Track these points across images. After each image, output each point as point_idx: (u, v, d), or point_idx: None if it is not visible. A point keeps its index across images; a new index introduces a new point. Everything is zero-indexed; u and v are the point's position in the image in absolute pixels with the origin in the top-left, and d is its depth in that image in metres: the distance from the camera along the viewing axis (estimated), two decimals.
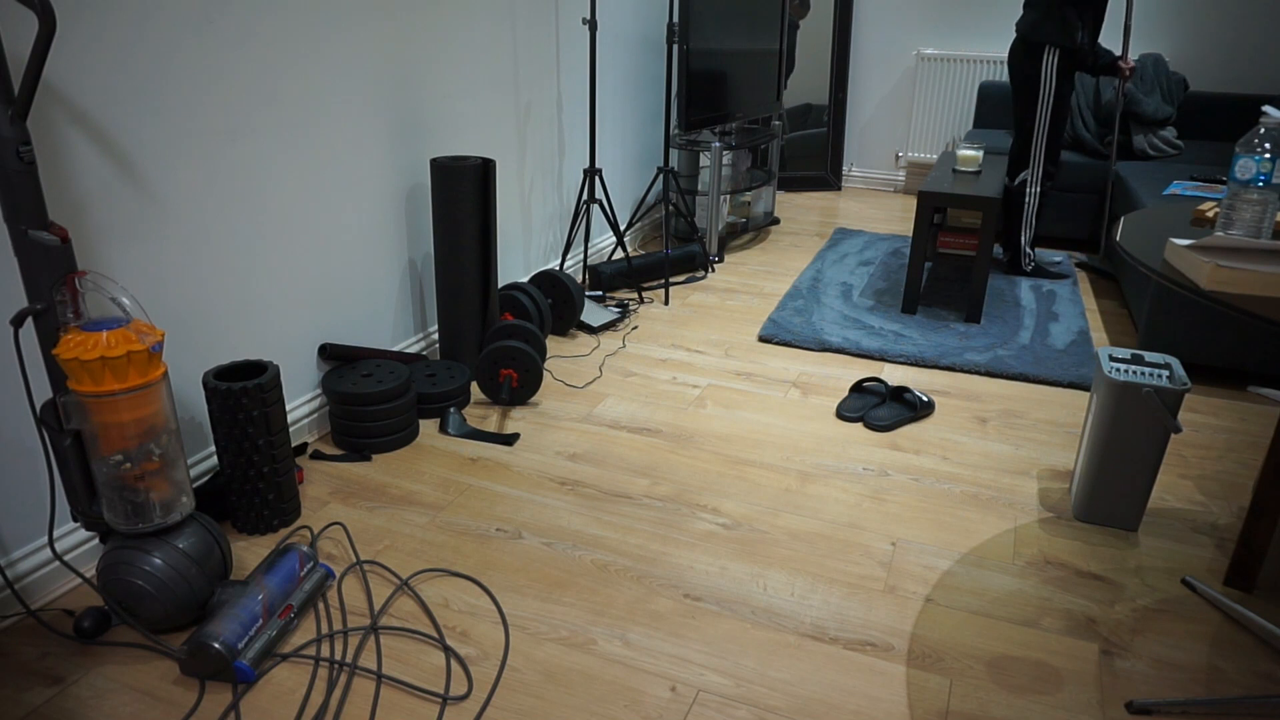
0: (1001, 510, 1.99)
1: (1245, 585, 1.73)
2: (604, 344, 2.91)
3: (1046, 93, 3.24)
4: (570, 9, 3.17)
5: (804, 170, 5.26)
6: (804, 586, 1.72)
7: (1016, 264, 3.60)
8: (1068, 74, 3.22)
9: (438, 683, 1.46)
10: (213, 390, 1.75)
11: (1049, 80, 3.22)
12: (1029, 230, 3.52)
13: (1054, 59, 3.18)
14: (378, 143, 2.31)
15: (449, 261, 2.46)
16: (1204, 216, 1.73)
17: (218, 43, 1.79)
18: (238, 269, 1.94)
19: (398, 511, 1.94)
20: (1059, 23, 3.13)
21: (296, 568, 1.62)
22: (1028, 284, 3.52)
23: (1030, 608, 1.67)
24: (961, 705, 1.44)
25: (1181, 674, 1.51)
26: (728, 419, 2.40)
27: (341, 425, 2.17)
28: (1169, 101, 3.98)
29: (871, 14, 4.95)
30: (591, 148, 3.16)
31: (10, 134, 1.30)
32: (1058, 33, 3.14)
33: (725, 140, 3.84)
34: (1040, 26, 3.17)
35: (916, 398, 2.44)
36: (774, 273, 3.69)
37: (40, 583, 1.63)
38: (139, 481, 1.45)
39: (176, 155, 1.75)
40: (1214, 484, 2.12)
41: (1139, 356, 1.92)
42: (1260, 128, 1.49)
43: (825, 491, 2.05)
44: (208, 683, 1.45)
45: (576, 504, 1.98)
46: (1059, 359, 2.79)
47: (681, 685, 1.46)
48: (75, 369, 1.36)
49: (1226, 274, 1.31)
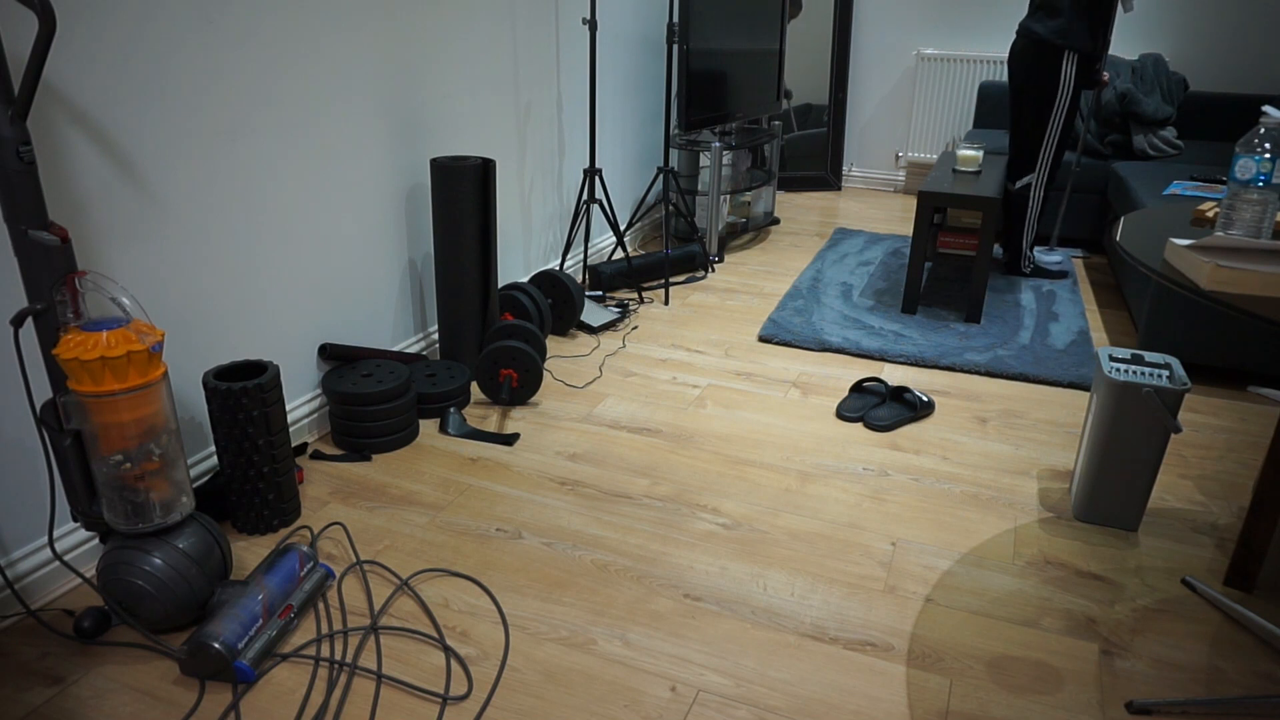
0: (1001, 510, 1.99)
1: (1245, 585, 1.73)
2: (604, 344, 2.91)
3: (1063, 98, 3.22)
4: (570, 9, 3.17)
5: (804, 170, 5.26)
6: (804, 586, 1.72)
7: (1015, 265, 3.59)
8: (1084, 80, 3.21)
9: (438, 683, 1.46)
10: (213, 390, 1.75)
11: (1067, 85, 3.19)
12: (1030, 232, 3.51)
13: (1074, 65, 3.15)
14: (378, 143, 2.31)
15: (449, 261, 2.46)
16: (1204, 216, 1.73)
17: (218, 43, 1.79)
18: (238, 269, 1.94)
19: (398, 511, 1.94)
20: (1086, 28, 3.11)
21: (296, 568, 1.62)
22: (1028, 284, 3.52)
23: (1030, 608, 1.67)
24: (961, 705, 1.44)
25: (1181, 674, 1.51)
26: (728, 419, 2.40)
27: (341, 425, 2.17)
28: (1169, 101, 3.98)
29: (871, 14, 4.95)
30: (591, 148, 3.16)
31: (10, 134, 1.30)
32: (1083, 38, 3.12)
33: (725, 140, 3.84)
34: (1066, 31, 3.12)
35: (916, 398, 2.44)
36: (774, 273, 3.69)
37: (40, 583, 1.63)
38: (139, 481, 1.45)
39: (176, 155, 1.75)
40: (1214, 484, 2.12)
41: (1139, 356, 1.92)
42: (1260, 128, 1.49)
43: (825, 491, 2.05)
44: (208, 683, 1.45)
45: (576, 504, 1.98)
46: (1059, 359, 2.79)
47: (681, 685, 1.46)
48: (75, 369, 1.36)
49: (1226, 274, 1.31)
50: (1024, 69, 3.29)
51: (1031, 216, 3.47)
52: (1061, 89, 3.20)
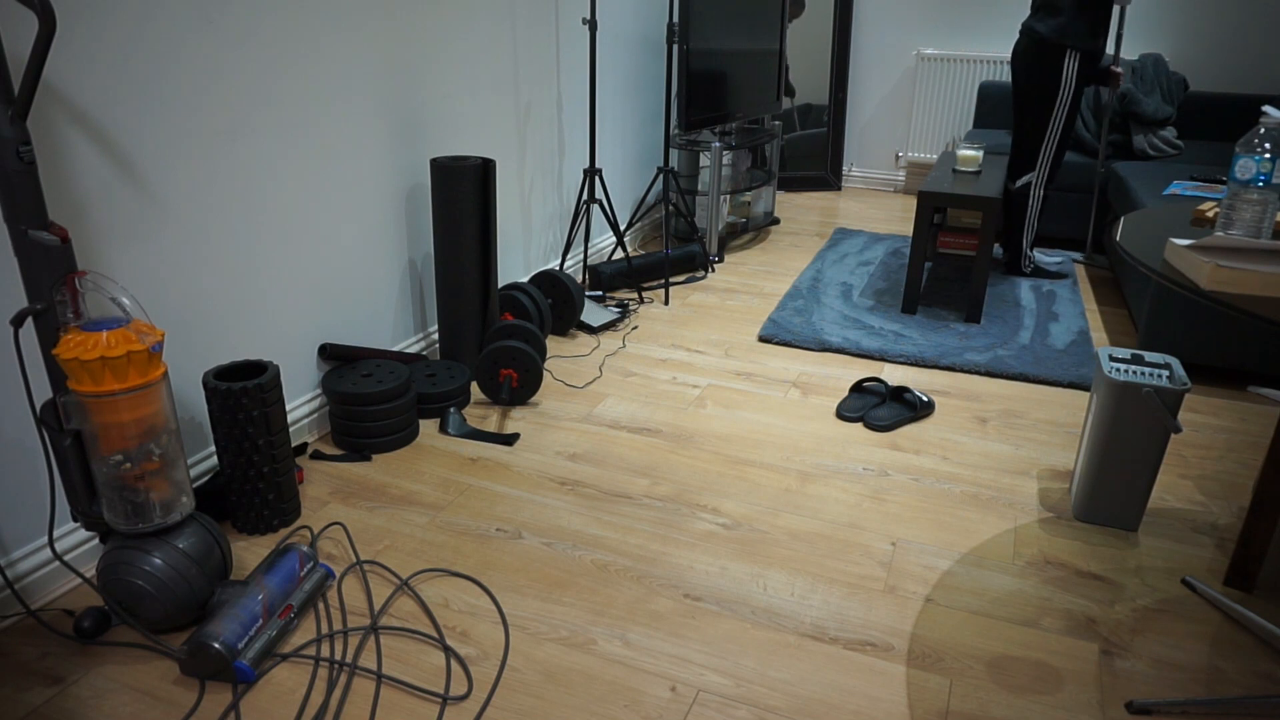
0: (1001, 510, 1.99)
1: (1245, 585, 1.73)
2: (604, 344, 2.91)
3: (1065, 97, 3.20)
4: (570, 9, 3.17)
5: (804, 170, 5.26)
6: (804, 586, 1.72)
7: (1016, 265, 3.59)
8: (1086, 78, 3.20)
9: (438, 683, 1.46)
10: (213, 390, 1.75)
11: (1069, 84, 3.18)
12: (1031, 232, 3.50)
13: (1075, 63, 3.14)
14: (378, 143, 2.31)
15: (449, 261, 2.46)
16: (1204, 216, 1.73)
17: (218, 43, 1.79)
18: (238, 269, 1.94)
19: (398, 511, 1.94)
20: (1087, 26, 3.10)
21: (296, 568, 1.62)
22: (1028, 284, 3.52)
23: (1030, 608, 1.67)
24: (961, 705, 1.43)
25: (1181, 674, 1.51)
26: (728, 419, 2.40)
27: (341, 425, 2.17)
28: (1169, 101, 3.98)
29: (871, 14, 4.95)
30: (591, 148, 3.16)
31: (10, 134, 1.30)
32: (1084, 36, 3.11)
33: (725, 140, 3.84)
34: (1067, 29, 3.10)
35: (916, 398, 2.44)
36: (774, 273, 3.69)
37: (40, 583, 1.63)
38: (139, 481, 1.45)
39: (176, 155, 1.75)
40: (1214, 484, 2.12)
41: (1139, 356, 1.92)
42: (1260, 128, 1.49)
43: (825, 491, 2.05)
44: (208, 683, 1.45)
45: (576, 504, 1.98)
46: (1059, 359, 2.79)
47: (681, 685, 1.46)
48: (75, 369, 1.36)
49: (1226, 274, 1.31)
50: (1025, 68, 3.28)
51: (1031, 216, 3.46)
52: (1063, 88, 3.18)
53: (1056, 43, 3.12)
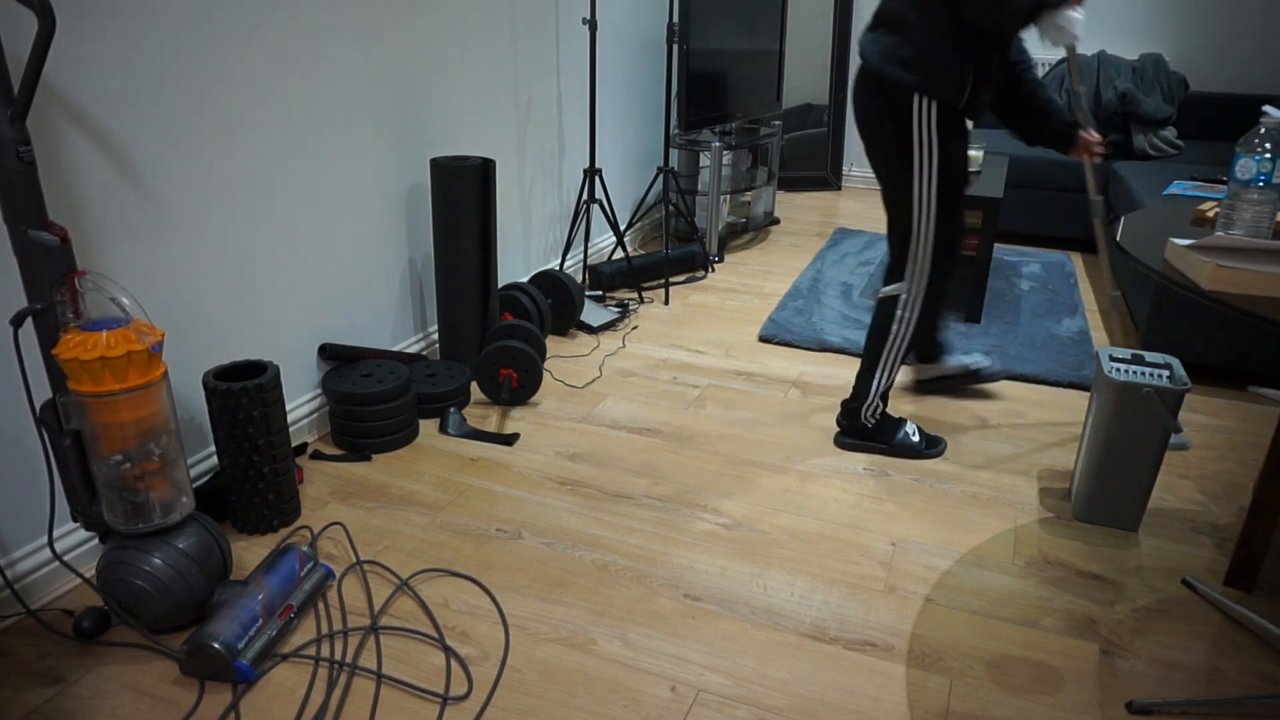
0: (1001, 510, 1.99)
1: (1245, 585, 1.73)
2: (604, 344, 2.91)
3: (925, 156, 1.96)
4: (570, 9, 3.17)
5: (804, 170, 5.26)
6: (804, 586, 1.72)
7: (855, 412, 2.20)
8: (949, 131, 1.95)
9: (438, 683, 1.46)
10: (213, 390, 1.75)
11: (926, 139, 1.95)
12: (889, 371, 2.15)
13: (930, 113, 1.93)
14: (378, 142, 2.31)
15: (449, 261, 2.46)
16: (1204, 216, 1.73)
17: (218, 43, 1.79)
18: (237, 269, 1.94)
19: (398, 511, 1.94)
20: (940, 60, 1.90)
21: (296, 568, 1.62)
22: (1028, 284, 3.52)
23: (1030, 608, 1.67)
24: (961, 705, 1.43)
25: (1182, 674, 1.51)
26: (728, 419, 2.40)
27: (341, 425, 2.17)
28: (1169, 101, 3.98)
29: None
30: (591, 148, 3.16)
31: (10, 134, 1.30)
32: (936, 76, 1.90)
33: (725, 140, 3.84)
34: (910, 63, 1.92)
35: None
36: (774, 273, 3.69)
37: (40, 583, 1.63)
38: (139, 481, 1.45)
39: (176, 155, 1.75)
40: (1214, 484, 2.12)
41: (1139, 356, 1.92)
42: (1260, 128, 1.49)
43: (825, 491, 2.05)
44: (208, 683, 1.45)
45: (576, 504, 1.98)
46: (1059, 359, 2.79)
47: (681, 685, 1.46)
48: (75, 369, 1.36)
49: (1227, 274, 1.31)
50: (860, 112, 2.04)
51: (894, 345, 2.12)
52: (919, 144, 1.95)
53: (893, 79, 1.92)
